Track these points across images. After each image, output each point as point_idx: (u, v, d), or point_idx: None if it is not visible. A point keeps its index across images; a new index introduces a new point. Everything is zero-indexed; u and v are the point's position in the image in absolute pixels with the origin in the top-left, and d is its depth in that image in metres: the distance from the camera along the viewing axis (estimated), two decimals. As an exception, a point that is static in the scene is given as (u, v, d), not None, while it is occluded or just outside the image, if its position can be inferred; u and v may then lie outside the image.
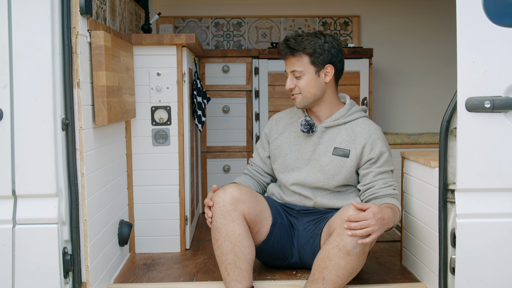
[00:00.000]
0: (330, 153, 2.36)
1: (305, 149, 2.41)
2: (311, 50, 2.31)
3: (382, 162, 2.34)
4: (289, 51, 2.34)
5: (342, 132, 2.37)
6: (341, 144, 2.35)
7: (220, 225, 2.19)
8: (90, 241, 2.09)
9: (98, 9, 2.51)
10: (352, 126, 2.38)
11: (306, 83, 2.33)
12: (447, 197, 2.03)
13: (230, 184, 2.29)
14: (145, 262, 2.69)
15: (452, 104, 1.98)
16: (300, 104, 2.37)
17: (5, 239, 1.90)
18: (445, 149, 2.01)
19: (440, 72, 4.54)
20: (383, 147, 2.35)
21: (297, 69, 2.32)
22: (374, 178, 2.33)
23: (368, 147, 2.33)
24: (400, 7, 4.55)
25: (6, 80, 1.86)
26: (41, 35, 1.88)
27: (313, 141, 2.39)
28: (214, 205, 2.22)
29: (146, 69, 2.77)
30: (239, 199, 2.22)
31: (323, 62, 2.33)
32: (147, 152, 2.80)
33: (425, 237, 2.32)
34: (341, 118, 2.39)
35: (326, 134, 2.38)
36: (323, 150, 2.37)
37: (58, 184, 1.93)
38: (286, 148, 2.45)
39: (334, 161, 2.35)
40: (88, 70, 2.13)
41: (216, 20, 4.46)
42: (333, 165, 2.35)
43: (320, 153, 2.38)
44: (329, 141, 2.38)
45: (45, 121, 1.89)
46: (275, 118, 2.58)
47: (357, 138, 2.35)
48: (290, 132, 2.47)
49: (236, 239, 2.18)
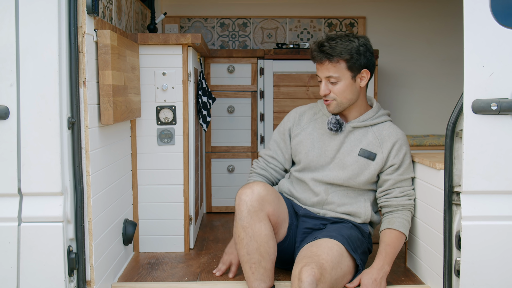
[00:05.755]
0: (355, 153, 2.33)
1: (329, 147, 2.37)
2: (348, 56, 2.24)
3: (404, 169, 2.35)
4: (325, 56, 2.25)
5: (369, 134, 2.35)
6: (368, 146, 2.33)
7: (247, 224, 2.15)
8: (95, 239, 2.10)
9: (105, 9, 2.52)
10: (379, 129, 2.36)
11: (342, 89, 2.28)
12: (452, 199, 2.03)
13: (257, 183, 2.23)
14: (149, 261, 2.69)
15: (458, 106, 1.98)
16: (334, 110, 2.32)
17: (10, 237, 1.90)
18: (450, 151, 2.01)
19: (446, 73, 4.53)
20: (407, 153, 2.36)
21: (333, 75, 2.26)
22: (393, 186, 2.35)
23: (394, 152, 2.33)
24: (406, 8, 4.54)
25: (13, 79, 1.87)
26: (48, 34, 1.88)
27: (338, 139, 2.36)
28: (241, 203, 2.17)
29: (151, 69, 2.77)
30: (266, 199, 2.18)
31: (360, 67, 2.28)
32: (152, 151, 2.80)
33: (429, 239, 2.32)
34: (369, 120, 2.36)
35: (352, 134, 2.36)
36: (348, 149, 2.34)
37: (63, 182, 1.93)
38: (309, 144, 2.40)
39: (359, 162, 2.33)
40: (94, 69, 2.14)
41: (221, 20, 4.46)
42: (357, 165, 2.33)
43: (344, 152, 2.34)
44: (355, 141, 2.35)
45: (51, 119, 1.89)
46: (298, 112, 2.50)
47: (385, 142, 2.34)
48: (314, 128, 2.42)
49: (263, 239, 2.15)
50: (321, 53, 2.26)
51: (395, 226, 2.31)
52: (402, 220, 2.32)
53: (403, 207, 2.35)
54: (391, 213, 2.36)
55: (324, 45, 2.26)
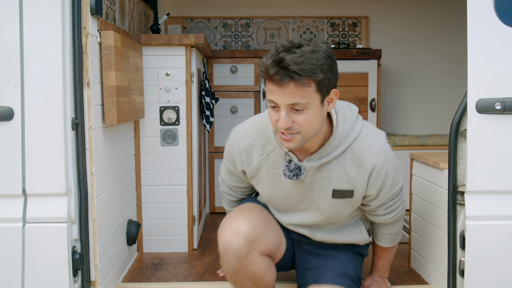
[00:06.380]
0: (329, 196, 1.91)
1: (293, 190, 1.94)
2: (321, 75, 1.66)
3: (385, 192, 1.94)
4: (289, 76, 1.64)
5: (337, 169, 1.87)
6: (341, 184, 1.89)
7: (238, 270, 1.86)
8: (99, 240, 2.10)
9: (108, 10, 2.52)
10: (350, 155, 1.87)
11: (309, 119, 1.70)
12: (456, 199, 2.02)
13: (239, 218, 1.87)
14: (153, 261, 2.69)
15: (462, 105, 1.97)
16: (297, 146, 1.76)
17: (15, 237, 1.91)
18: (454, 150, 2.00)
19: (449, 72, 4.53)
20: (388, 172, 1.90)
21: (301, 101, 1.66)
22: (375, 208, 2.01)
23: (372, 181, 1.90)
24: (409, 7, 4.53)
25: (17, 80, 1.87)
26: (51, 35, 1.88)
27: (302, 182, 1.91)
28: (227, 253, 1.83)
29: (155, 69, 2.77)
30: (255, 239, 1.85)
31: (330, 87, 1.72)
32: (155, 152, 2.81)
33: (433, 239, 2.31)
34: (334, 152, 1.86)
35: (318, 173, 1.89)
36: (317, 191, 1.92)
37: (67, 183, 1.94)
38: (268, 187, 1.98)
39: (336, 204, 1.94)
40: (98, 70, 2.14)
41: (224, 21, 4.46)
42: (335, 208, 1.95)
43: (315, 194, 1.93)
44: (323, 180, 1.89)
45: (55, 120, 1.90)
46: (242, 149, 1.96)
47: (360, 171, 1.87)
48: (268, 168, 1.94)
49: (258, 277, 1.89)
50: (284, 72, 1.64)
51: (383, 243, 2.15)
52: (388, 237, 2.13)
53: (387, 224, 2.08)
54: (377, 226, 2.13)
55: (286, 61, 1.63)
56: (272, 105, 1.71)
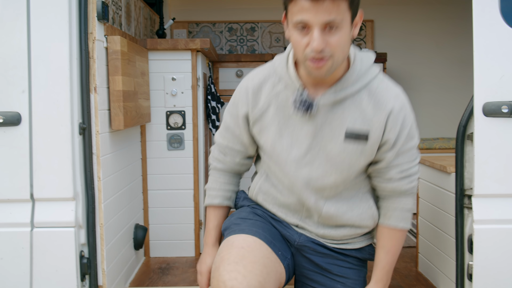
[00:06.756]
0: (341, 139, 1.66)
1: (302, 132, 1.69)
2: None
3: (403, 140, 1.69)
4: None
5: (353, 106, 1.66)
6: (355, 124, 1.65)
7: None
8: (106, 244, 2.10)
9: (114, 15, 2.53)
10: (367, 93, 1.67)
11: (343, 40, 1.53)
12: (463, 202, 2.01)
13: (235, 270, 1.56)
14: (160, 266, 2.70)
15: (469, 109, 1.97)
16: (327, 73, 1.57)
17: (23, 242, 1.91)
18: (461, 154, 2.00)
19: (455, 76, 4.53)
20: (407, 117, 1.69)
21: (336, 18, 1.48)
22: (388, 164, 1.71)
23: (390, 124, 1.66)
24: (414, 10, 4.54)
25: (25, 85, 1.88)
26: (59, 41, 1.89)
27: (313, 121, 1.67)
28: None
29: (161, 74, 2.78)
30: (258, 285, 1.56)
31: (358, 5, 1.57)
32: (162, 156, 2.81)
33: (441, 243, 2.31)
34: (350, 87, 1.66)
35: (331, 112, 1.66)
36: (329, 133, 1.67)
37: (75, 188, 1.94)
38: (273, 132, 1.72)
39: (348, 150, 1.67)
40: (104, 75, 2.15)
41: (229, 25, 4.48)
42: (346, 155, 1.67)
43: (325, 138, 1.67)
44: (336, 120, 1.66)
45: (62, 125, 1.91)
46: (251, 87, 1.75)
47: (377, 110, 1.65)
48: (277, 108, 1.71)
49: None
50: None
51: (392, 222, 1.76)
52: (399, 213, 1.76)
53: (400, 193, 1.75)
54: (386, 200, 1.78)
55: None
56: (301, 27, 1.51)
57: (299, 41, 1.54)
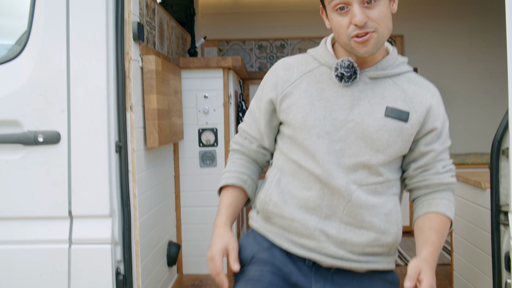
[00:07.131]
0: (381, 114, 1.59)
1: (337, 105, 1.60)
2: None
3: (445, 136, 1.67)
4: None
5: (392, 87, 1.63)
6: (396, 102, 1.60)
7: None
8: (141, 261, 2.13)
9: (148, 34, 2.59)
10: (403, 81, 1.66)
11: (384, 12, 1.53)
12: (499, 219, 1.98)
13: None
14: (193, 283, 2.71)
15: (503, 123, 1.95)
16: (374, 49, 1.55)
17: (61, 258, 1.95)
18: (496, 169, 1.97)
19: (487, 90, 4.47)
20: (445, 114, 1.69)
21: None
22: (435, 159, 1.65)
23: (433, 112, 1.63)
24: (443, 24, 4.52)
25: (64, 105, 1.93)
26: (96, 61, 1.94)
27: (350, 95, 1.60)
28: None
29: (193, 92, 2.83)
30: None
31: None
32: (194, 173, 2.84)
33: (477, 260, 2.27)
34: (390, 69, 1.64)
35: (370, 88, 1.62)
36: (368, 108, 1.59)
37: (111, 205, 1.97)
38: (305, 105, 1.62)
39: (388, 126, 1.58)
40: (139, 93, 2.19)
41: (259, 43, 4.52)
42: (386, 132, 1.58)
43: (363, 113, 1.59)
44: (376, 97, 1.60)
45: (100, 143, 1.95)
46: (282, 65, 1.72)
47: (416, 97, 1.63)
48: (310, 82, 1.65)
49: None
50: None
51: (440, 209, 1.63)
52: (447, 202, 1.65)
53: (446, 187, 1.67)
54: (431, 193, 1.68)
55: None
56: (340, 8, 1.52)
57: (340, 21, 1.54)
